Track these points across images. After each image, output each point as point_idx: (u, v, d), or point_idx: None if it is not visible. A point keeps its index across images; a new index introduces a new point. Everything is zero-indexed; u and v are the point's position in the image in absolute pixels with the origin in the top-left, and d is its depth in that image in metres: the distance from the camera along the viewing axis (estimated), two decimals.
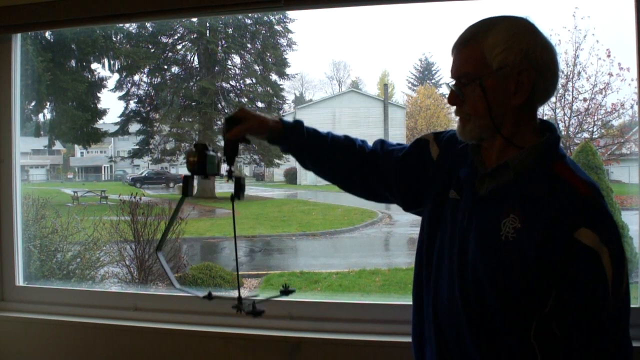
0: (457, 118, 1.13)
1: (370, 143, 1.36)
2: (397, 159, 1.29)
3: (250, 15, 8.61)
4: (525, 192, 1.03)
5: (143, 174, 11.09)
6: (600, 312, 0.96)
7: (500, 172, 1.07)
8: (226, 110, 9.12)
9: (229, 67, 9.26)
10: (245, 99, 9.27)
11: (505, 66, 1.02)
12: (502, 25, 1.05)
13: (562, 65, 1.12)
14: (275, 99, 9.33)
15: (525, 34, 1.04)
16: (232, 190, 1.33)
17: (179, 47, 9.23)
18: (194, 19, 8.45)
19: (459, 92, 1.08)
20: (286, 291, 1.36)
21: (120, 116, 9.16)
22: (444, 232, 1.15)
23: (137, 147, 9.44)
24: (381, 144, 1.34)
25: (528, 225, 1.00)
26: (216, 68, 9.16)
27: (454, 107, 1.11)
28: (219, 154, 1.28)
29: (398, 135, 9.34)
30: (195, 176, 1.27)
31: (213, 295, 1.34)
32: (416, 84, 11.86)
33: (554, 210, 0.98)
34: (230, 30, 9.08)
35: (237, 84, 9.29)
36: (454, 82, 1.09)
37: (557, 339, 0.99)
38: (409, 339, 1.28)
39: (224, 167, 1.31)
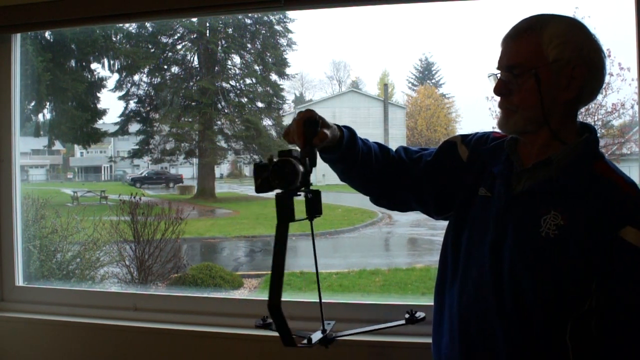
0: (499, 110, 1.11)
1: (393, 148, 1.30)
2: (426, 163, 1.25)
3: (250, 15, 8.61)
4: (567, 189, 1.02)
5: (143, 174, 11.06)
6: None
7: (541, 168, 1.06)
8: (226, 111, 9.11)
9: (229, 67, 9.24)
10: (245, 99, 9.26)
11: (561, 59, 1.02)
12: (560, 20, 1.05)
13: None
14: (275, 99, 9.31)
15: (581, 31, 1.05)
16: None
17: (179, 47, 9.21)
18: (194, 19, 8.44)
19: (513, 82, 1.06)
20: (412, 319, 1.26)
21: (120, 116, 9.14)
22: (471, 230, 1.13)
23: (137, 147, 9.42)
24: (404, 151, 1.29)
25: (572, 223, 0.98)
26: (216, 68, 9.15)
27: (499, 98, 1.09)
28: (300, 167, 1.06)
29: (398, 135, 9.32)
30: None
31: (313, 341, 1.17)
32: (416, 84, 11.83)
33: (599, 208, 0.97)
34: (230, 30, 9.07)
35: (237, 84, 9.27)
36: (499, 73, 1.08)
37: (593, 341, 0.97)
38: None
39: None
